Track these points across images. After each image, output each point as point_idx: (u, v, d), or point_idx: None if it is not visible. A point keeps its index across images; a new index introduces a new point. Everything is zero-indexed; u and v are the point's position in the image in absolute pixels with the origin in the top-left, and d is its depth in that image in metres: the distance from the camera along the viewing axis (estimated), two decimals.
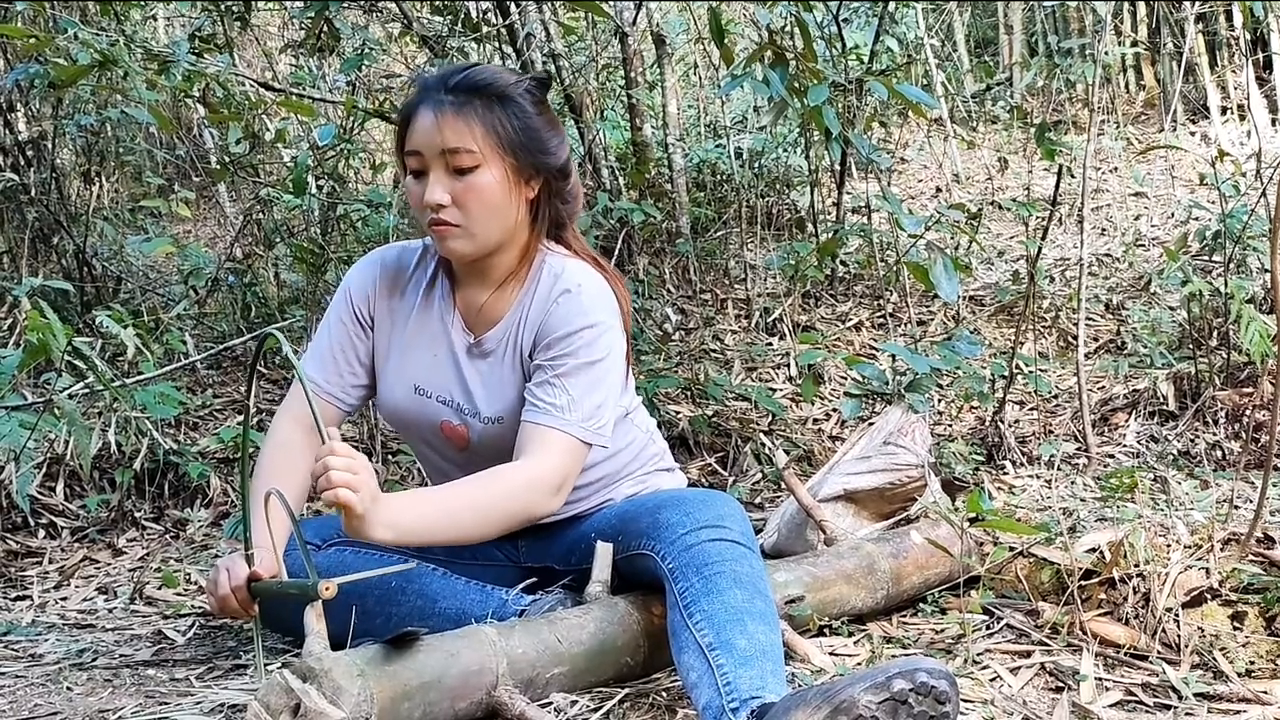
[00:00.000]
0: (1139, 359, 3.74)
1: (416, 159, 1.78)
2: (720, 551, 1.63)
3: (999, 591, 2.10)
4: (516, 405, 1.84)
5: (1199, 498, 2.44)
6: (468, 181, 1.76)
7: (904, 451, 2.38)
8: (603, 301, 1.85)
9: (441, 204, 1.76)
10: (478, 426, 1.89)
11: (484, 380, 1.89)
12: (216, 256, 4.33)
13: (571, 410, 1.78)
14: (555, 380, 1.79)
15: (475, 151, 1.75)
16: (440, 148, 1.75)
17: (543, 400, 1.79)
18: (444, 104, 1.77)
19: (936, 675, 1.33)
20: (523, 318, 1.86)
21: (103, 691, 1.77)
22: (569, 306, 1.82)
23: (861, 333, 4.24)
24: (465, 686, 1.53)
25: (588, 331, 1.81)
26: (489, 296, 1.89)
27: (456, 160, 1.75)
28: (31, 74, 3.06)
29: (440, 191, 1.76)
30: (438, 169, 1.76)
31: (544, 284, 1.86)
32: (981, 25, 8.65)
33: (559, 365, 1.80)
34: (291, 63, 5.07)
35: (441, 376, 1.91)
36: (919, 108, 3.22)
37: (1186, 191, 5.60)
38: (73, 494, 3.00)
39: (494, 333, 1.88)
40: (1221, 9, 6.43)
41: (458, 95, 1.77)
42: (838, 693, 1.32)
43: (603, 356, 1.82)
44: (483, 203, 1.77)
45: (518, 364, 1.87)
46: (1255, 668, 1.75)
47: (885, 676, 1.32)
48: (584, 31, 4.93)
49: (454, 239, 1.79)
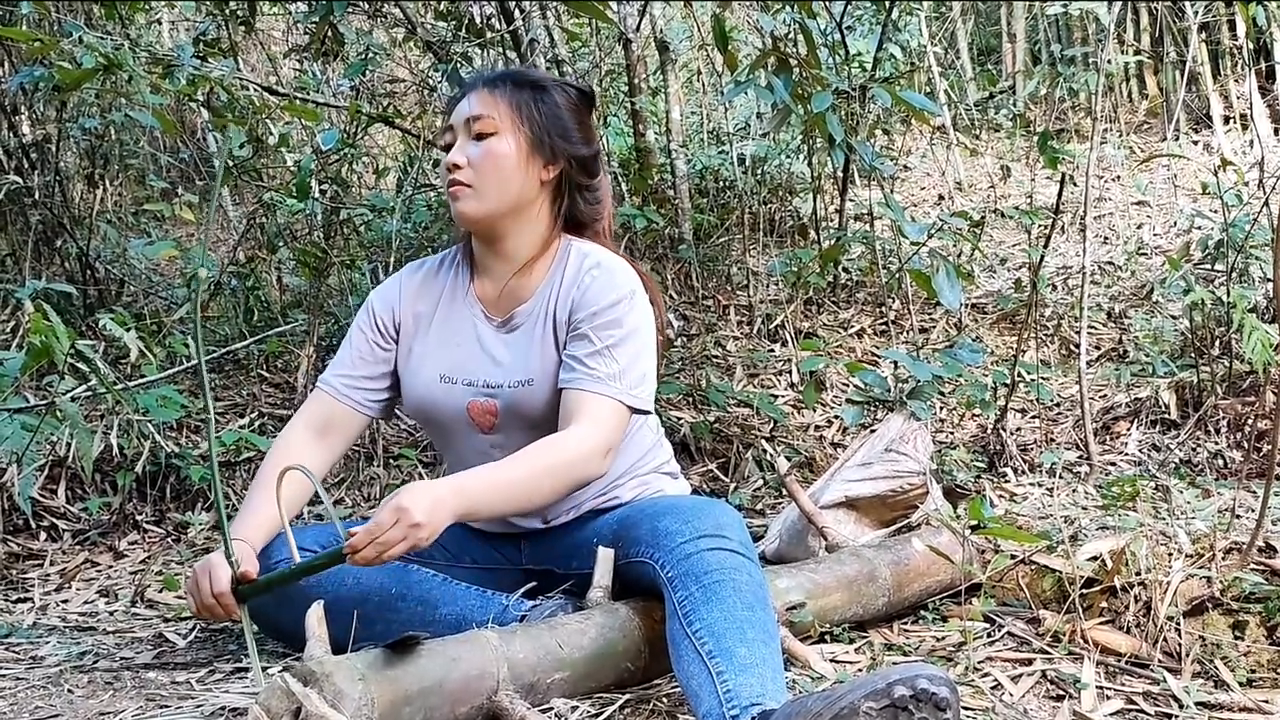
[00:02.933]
0: (1141, 367, 3.74)
1: (449, 133, 1.94)
2: (720, 561, 1.63)
3: (1000, 599, 2.10)
4: (547, 369, 1.90)
5: (1200, 506, 2.44)
6: (484, 146, 1.89)
7: (905, 459, 2.38)
8: (632, 276, 1.94)
9: (458, 164, 1.89)
10: (506, 394, 1.92)
11: (511, 349, 1.94)
12: (219, 260, 4.34)
13: (620, 379, 1.84)
14: (604, 350, 1.85)
15: (494, 119, 1.89)
16: (465, 116, 1.90)
17: (591, 368, 1.84)
18: (479, 85, 1.94)
19: (937, 682, 1.33)
20: (553, 293, 1.93)
21: (103, 694, 1.78)
22: (604, 280, 1.90)
23: (863, 340, 4.24)
24: (466, 691, 1.53)
25: (626, 302, 1.89)
26: (513, 279, 1.96)
27: (478, 126, 1.89)
28: (36, 77, 3.07)
29: (459, 154, 1.90)
30: (463, 137, 1.91)
31: (572, 263, 1.95)
32: (984, 33, 8.66)
33: (606, 335, 1.86)
34: (295, 67, 5.07)
35: (467, 361, 1.96)
36: (922, 115, 3.22)
37: (1189, 200, 5.60)
38: (74, 497, 3.01)
39: (524, 308, 1.95)
40: (1224, 18, 6.44)
41: (495, 80, 1.94)
42: (839, 699, 1.32)
43: (642, 326, 1.90)
44: (496, 167, 1.89)
45: (550, 332, 1.92)
46: (1256, 677, 1.75)
47: (886, 683, 1.32)
48: (588, 38, 4.93)
49: (464, 199, 1.89)
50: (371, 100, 4.53)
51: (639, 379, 1.86)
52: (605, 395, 1.83)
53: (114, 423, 2.94)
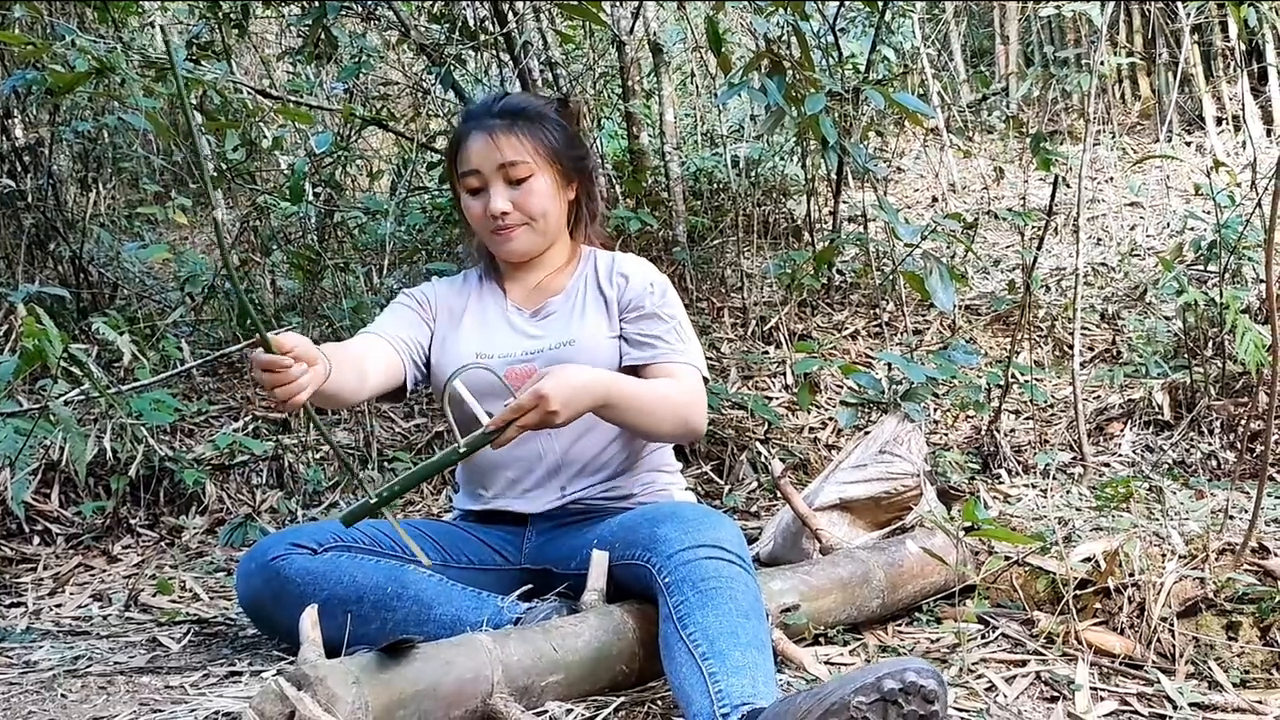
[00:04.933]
0: (1134, 368, 3.74)
1: (475, 178, 2.02)
2: (717, 569, 1.63)
3: (994, 601, 2.10)
4: (588, 331, 2.03)
5: (1194, 507, 2.44)
6: (525, 188, 2.01)
7: (900, 460, 2.38)
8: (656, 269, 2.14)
9: (505, 211, 2.00)
10: (545, 355, 2.02)
11: (546, 326, 2.07)
12: (213, 263, 4.33)
13: (693, 355, 2.04)
14: (676, 327, 2.04)
15: (529, 162, 2.00)
16: (498, 162, 2.00)
17: (669, 342, 2.02)
18: (494, 126, 2.01)
19: (925, 674, 1.34)
20: (586, 283, 2.10)
21: (97, 699, 1.77)
22: (642, 270, 2.10)
23: (858, 341, 4.24)
24: (460, 694, 1.53)
25: (669, 289, 2.09)
26: (543, 278, 2.12)
27: (515, 171, 2.00)
28: (29, 80, 3.06)
29: (502, 201, 2.00)
30: (497, 182, 2.01)
31: (602, 263, 2.12)
32: (978, 35, 8.68)
33: (669, 315, 2.05)
34: (289, 70, 5.07)
35: (505, 339, 2.07)
36: (916, 116, 3.23)
37: (1182, 202, 5.62)
38: (68, 500, 3.00)
39: (556, 299, 2.10)
40: (1217, 20, 6.45)
41: (503, 117, 2.02)
42: (828, 695, 1.33)
43: (682, 308, 2.11)
44: (541, 206, 2.03)
45: (590, 303, 2.07)
46: (1250, 678, 1.75)
47: (875, 677, 1.33)
48: (581, 40, 4.94)
49: (516, 240, 2.03)
50: (365, 103, 4.53)
51: (699, 352, 2.07)
52: (691, 365, 2.02)
53: (107, 426, 2.94)
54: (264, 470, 3.25)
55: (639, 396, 1.88)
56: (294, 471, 3.24)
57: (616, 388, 1.84)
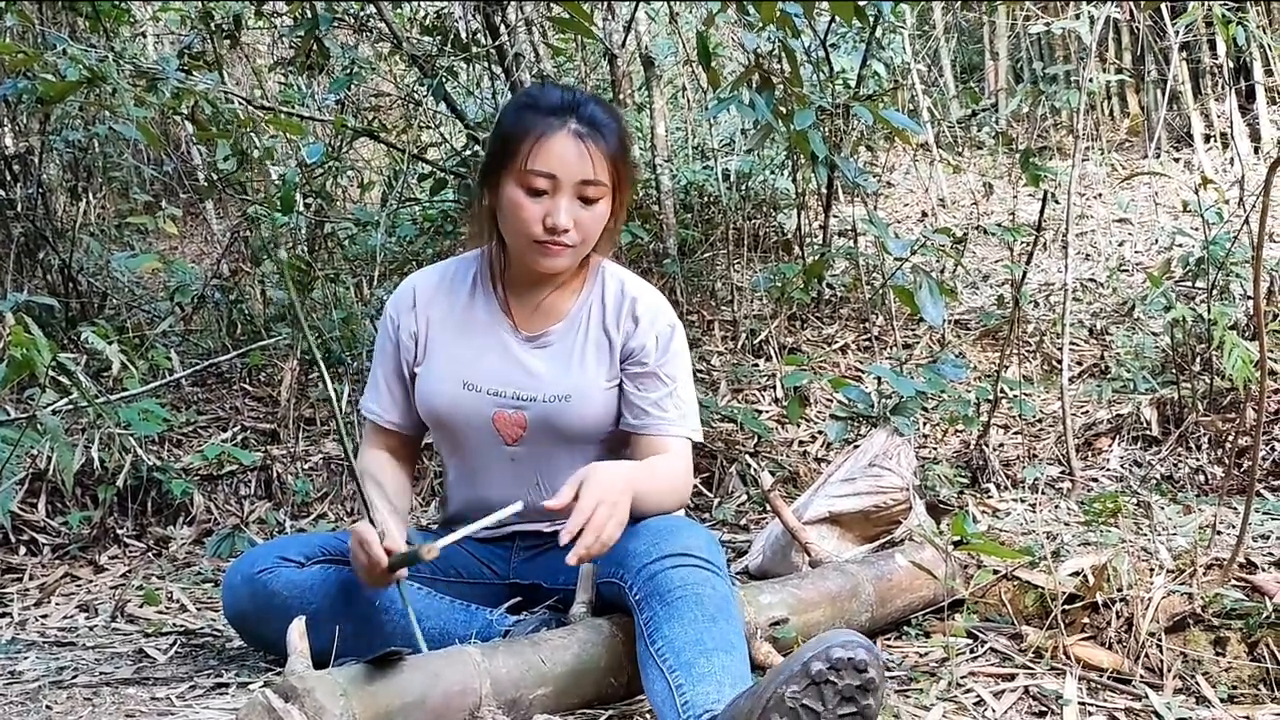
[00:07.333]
0: (1123, 384, 3.75)
1: (547, 180, 1.82)
2: (684, 577, 1.63)
3: (983, 615, 2.11)
4: (585, 385, 1.93)
5: (1182, 523, 2.45)
6: (593, 210, 1.86)
7: (889, 474, 2.38)
8: (665, 302, 2.02)
9: (568, 229, 1.83)
10: (538, 407, 1.93)
11: (548, 362, 1.95)
12: (203, 273, 4.32)
13: (688, 418, 1.97)
14: (673, 392, 1.95)
15: (605, 185, 1.85)
16: (580, 178, 1.82)
17: (665, 411, 1.94)
18: (584, 135, 1.83)
19: (851, 646, 1.34)
20: (591, 315, 1.97)
21: (82, 710, 1.76)
22: (653, 311, 1.97)
23: (847, 355, 4.25)
24: (448, 707, 1.52)
25: (676, 331, 1.98)
26: (548, 295, 1.97)
27: (591, 191, 1.84)
28: (19, 89, 3.06)
29: (568, 217, 1.82)
30: (570, 196, 1.83)
31: (609, 286, 1.99)
32: (967, 51, 8.72)
33: (669, 375, 1.95)
34: (281, 81, 5.07)
35: (495, 369, 1.95)
36: (904, 133, 3.24)
37: (1170, 218, 5.65)
38: (54, 510, 2.99)
39: (558, 327, 1.97)
40: (1205, 37, 6.50)
41: (593, 128, 1.84)
42: (763, 692, 1.34)
43: (686, 352, 2.01)
44: (596, 230, 1.88)
45: (592, 349, 1.96)
46: (1238, 693, 1.75)
47: (800, 664, 1.34)
48: (573, 53, 4.95)
49: (564, 258, 1.87)
50: (357, 114, 4.53)
51: (695, 410, 2.00)
52: (682, 436, 1.95)
53: (95, 436, 2.93)
54: (252, 481, 3.24)
55: (655, 491, 1.84)
56: (282, 482, 3.23)
57: (640, 485, 1.78)
